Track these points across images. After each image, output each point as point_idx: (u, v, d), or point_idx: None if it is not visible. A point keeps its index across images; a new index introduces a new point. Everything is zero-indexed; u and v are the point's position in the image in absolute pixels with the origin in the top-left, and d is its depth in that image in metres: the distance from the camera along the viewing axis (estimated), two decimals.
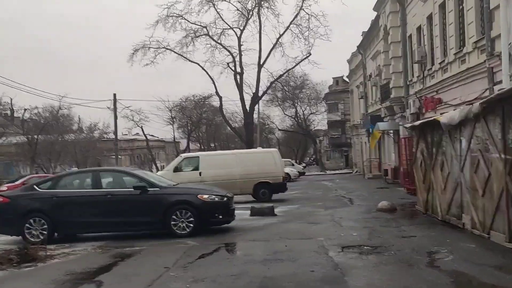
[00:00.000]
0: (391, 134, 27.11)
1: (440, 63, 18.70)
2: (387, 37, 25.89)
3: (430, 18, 19.96)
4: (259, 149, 23.26)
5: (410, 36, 23.16)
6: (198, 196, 11.47)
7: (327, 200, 19.10)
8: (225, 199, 11.77)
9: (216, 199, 11.64)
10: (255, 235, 11.04)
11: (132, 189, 11.38)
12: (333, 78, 63.96)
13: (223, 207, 11.69)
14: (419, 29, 21.74)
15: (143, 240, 11.03)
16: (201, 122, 60.57)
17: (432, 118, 11.62)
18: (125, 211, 11.36)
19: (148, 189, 11.41)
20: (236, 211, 14.27)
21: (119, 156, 59.20)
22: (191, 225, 11.27)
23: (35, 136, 39.56)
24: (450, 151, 11.00)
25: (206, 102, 56.51)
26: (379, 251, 8.67)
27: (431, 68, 20.06)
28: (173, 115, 57.39)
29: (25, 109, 54.31)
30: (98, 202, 11.36)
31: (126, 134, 71.15)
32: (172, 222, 11.26)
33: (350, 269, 7.38)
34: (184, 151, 55.76)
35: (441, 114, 17.49)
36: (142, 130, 58.94)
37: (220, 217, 11.56)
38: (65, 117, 57.56)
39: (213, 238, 10.94)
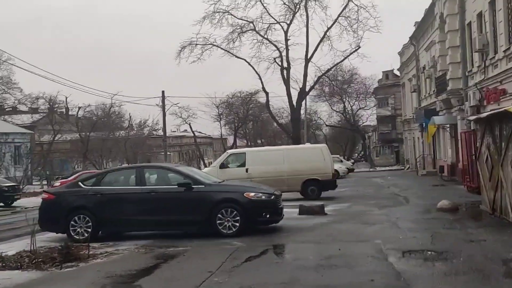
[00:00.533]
0: (448, 129, 25.55)
1: (504, 51, 17.20)
2: (443, 26, 24.35)
3: (492, 2, 18.43)
4: (307, 144, 22.36)
5: (469, 23, 21.60)
6: (245, 194, 10.80)
7: (380, 199, 18.02)
8: (272, 197, 11.05)
9: (263, 197, 10.93)
10: (305, 236, 10.26)
11: (176, 186, 10.86)
12: (383, 72, 61.99)
13: (271, 205, 10.97)
14: (479, 15, 20.19)
15: (187, 239, 10.48)
16: (247, 119, 60.18)
17: (503, 109, 10.44)
18: (169, 209, 10.86)
19: (193, 186, 10.84)
20: (284, 210, 13.62)
21: (168, 153, 59.84)
22: (237, 224, 10.62)
23: (87, 133, 40.17)
24: None
25: (253, 98, 56.06)
26: (446, 258, 7.71)
27: (494, 57, 18.54)
28: (220, 112, 57.37)
29: (79, 107, 55.84)
30: (142, 199, 10.90)
31: (175, 131, 71.94)
32: (218, 221, 10.66)
33: (415, 279, 6.48)
34: (231, 148, 55.64)
35: (505, 106, 16.11)
36: (190, 126, 59.39)
37: (268, 216, 10.85)
38: (116, 115, 58.80)
39: (260, 238, 10.25)
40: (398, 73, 59.29)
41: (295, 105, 40.54)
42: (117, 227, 11.09)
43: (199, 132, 73.27)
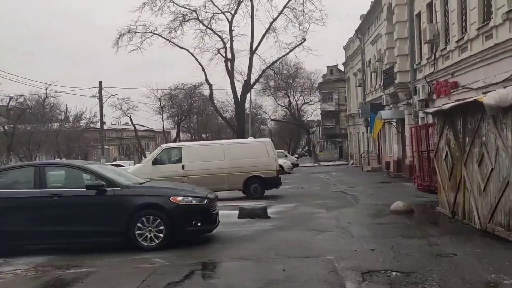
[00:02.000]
0: (394, 124, 24.47)
1: (457, 41, 16.02)
2: (391, 17, 23.17)
3: None
4: (251, 139, 20.42)
5: (419, 14, 20.45)
6: (171, 198, 8.76)
7: (328, 198, 16.44)
8: (205, 201, 9.06)
9: (194, 201, 8.93)
10: (243, 250, 8.35)
11: (85, 189, 8.65)
12: (327, 67, 61.18)
13: (203, 212, 8.99)
14: (429, 5, 19.04)
15: (99, 254, 8.34)
16: (191, 112, 57.67)
17: (472, 98, 8.96)
18: (77, 217, 8.68)
19: (106, 189, 8.68)
20: (222, 212, 11.65)
21: (107, 146, 56.40)
22: (161, 235, 8.60)
23: (11, 125, 36.45)
24: (494, 141, 8.35)
25: (197, 91, 53.72)
26: (415, 281, 6.04)
27: (445, 48, 17.38)
28: (162, 104, 54.55)
29: (10, 98, 51.21)
30: (41, 205, 8.63)
31: (115, 124, 68.38)
32: (137, 232, 8.58)
33: None
34: (174, 142, 53.01)
35: (456, 100, 14.90)
36: (131, 119, 56.15)
37: (199, 224, 8.85)
38: (51, 106, 54.60)
39: (188, 253, 8.27)
40: (342, 68, 58.78)
41: (239, 98, 38.82)
42: (10, 241, 8.70)
43: (141, 125, 70.05)
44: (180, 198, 8.82)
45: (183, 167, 16.98)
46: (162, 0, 36.36)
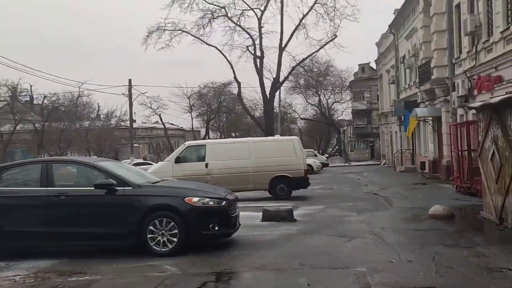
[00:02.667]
0: (430, 122, 23.11)
1: (502, 32, 14.69)
2: (428, 9, 21.85)
3: None
4: (277, 137, 19.46)
5: (458, 4, 19.09)
6: (186, 199, 7.97)
7: (358, 199, 15.39)
8: (224, 203, 8.22)
9: (211, 203, 8.10)
10: (264, 258, 7.47)
11: (93, 188, 7.95)
12: (359, 65, 59.59)
13: (221, 214, 8.15)
14: None
15: (107, 259, 7.63)
16: (220, 110, 57.07)
17: None
18: (84, 218, 7.98)
19: (116, 188, 7.95)
20: (245, 213, 10.97)
21: (137, 145, 56.50)
22: (175, 239, 7.81)
23: (43, 123, 36.60)
24: None
25: (226, 89, 53.05)
26: None
27: (487, 40, 16.05)
28: (191, 103, 54.15)
29: (44, 96, 51.83)
30: (47, 205, 7.98)
31: (146, 122, 68.48)
32: (149, 235, 7.82)
33: None
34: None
35: (499, 95, 13.60)
36: (160, 117, 56.17)
37: (216, 228, 8.01)
38: (85, 105, 55.05)
39: (203, 260, 7.47)
40: (374, 66, 57.09)
41: (268, 96, 37.89)
42: (14, 242, 8.07)
43: (171, 123, 69.99)
44: (195, 199, 8.01)
45: (206, 165, 16.23)
46: None
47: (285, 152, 16.47)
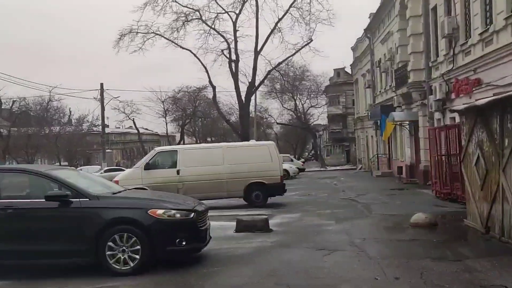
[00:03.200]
0: (407, 126, 22.75)
1: (480, 34, 14.35)
2: (404, 12, 21.52)
3: None
4: (252, 142, 18.73)
5: (435, 7, 18.78)
6: (149, 211, 7.15)
7: (337, 207, 14.77)
8: (192, 215, 7.42)
9: (178, 215, 7.30)
10: (236, 277, 6.71)
11: (44, 200, 7.07)
12: (334, 69, 59.51)
13: (189, 227, 7.35)
14: None
15: (59, 280, 6.77)
16: (195, 115, 56.07)
17: None
18: (35, 234, 7.08)
19: (71, 200, 7.09)
20: (217, 223, 10.28)
21: (109, 150, 55.03)
22: (137, 256, 6.98)
23: (9, 129, 35.05)
24: None
25: (201, 94, 52.05)
26: None
27: (465, 42, 15.72)
28: (166, 108, 53.05)
29: (13, 101, 49.98)
30: None
31: (119, 128, 66.94)
32: (108, 252, 6.98)
33: None
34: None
35: (476, 99, 13.22)
36: (134, 122, 54.85)
37: (184, 243, 7.21)
38: (56, 110, 53.35)
39: (168, 279, 6.71)
40: (350, 70, 57.03)
41: (244, 100, 37.26)
42: None
43: (145, 128, 68.64)
44: (160, 211, 7.20)
45: (178, 172, 15.40)
46: (164, 0, 35.01)
47: (260, 158, 15.77)
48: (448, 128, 13.93)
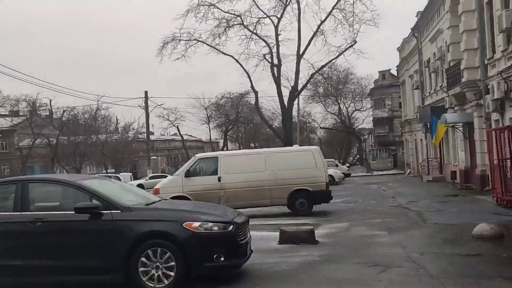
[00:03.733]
0: (460, 128, 21.31)
1: None
2: (455, 8, 20.17)
3: None
4: (296, 147, 17.90)
5: (490, 1, 17.41)
6: (185, 224, 6.54)
7: (387, 215, 13.76)
8: (231, 227, 6.76)
9: (216, 228, 6.66)
10: None
11: (74, 213, 6.60)
12: (379, 72, 57.81)
13: (228, 242, 6.69)
14: None
15: None
16: (238, 121, 55.82)
17: None
18: (64, 248, 6.62)
19: (102, 212, 6.59)
20: (260, 233, 9.72)
21: (154, 157, 55.53)
22: (172, 273, 6.39)
23: (58, 137, 35.78)
24: None
25: (244, 100, 51.75)
26: None
27: None
28: (209, 114, 53.07)
29: (64, 110, 51.43)
30: (21, 233, 6.66)
31: (164, 135, 67.70)
32: (141, 269, 6.43)
33: None
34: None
35: None
36: (178, 129, 55.26)
37: (222, 259, 6.56)
38: (103, 118, 54.53)
39: None
40: (395, 73, 55.21)
41: (286, 105, 36.51)
42: None
43: (189, 135, 69.14)
44: (197, 224, 6.59)
45: (219, 179, 14.84)
46: (206, 7, 34.87)
47: (304, 164, 15.00)
48: (510, 129, 12.67)
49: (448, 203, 15.89)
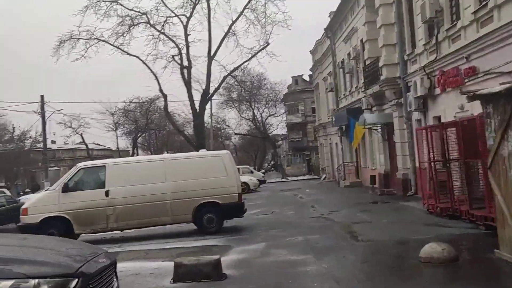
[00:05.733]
0: (379, 130, 19.88)
1: (474, 13, 11.55)
2: (372, 3, 18.71)
3: None
4: (203, 152, 14.85)
5: None
6: None
7: (310, 230, 11.45)
8: (73, 283, 3.90)
9: (45, 287, 3.77)
10: None
11: None
12: (292, 77, 56.89)
13: None
14: None
15: None
16: (149, 127, 51.95)
17: None
18: None
19: None
20: (150, 264, 7.12)
21: (56, 168, 50.05)
22: None
23: None
24: None
25: (154, 105, 48.09)
26: None
27: (453, 26, 12.94)
28: (116, 120, 48.75)
29: None
30: None
31: (68, 143, 61.80)
32: None
33: None
34: None
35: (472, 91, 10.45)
36: (82, 137, 50.36)
37: None
38: None
39: None
40: (308, 78, 54.52)
41: (198, 109, 33.80)
42: None
43: (97, 144, 63.74)
44: (7, 283, 3.67)
45: (107, 193, 11.77)
46: (108, 3, 31.28)
47: (212, 172, 12.36)
48: (445, 127, 10.94)
49: (373, 212, 14.00)
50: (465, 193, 10.11)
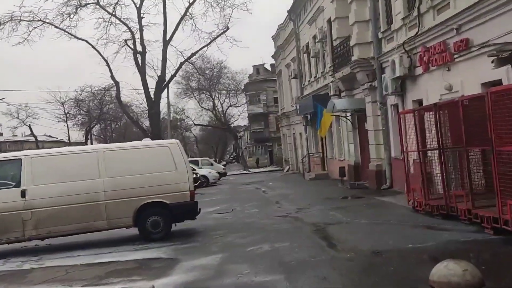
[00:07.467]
0: (348, 117, 17.94)
1: None
2: None
3: None
4: (146, 141, 12.12)
5: None
6: None
7: (276, 234, 9.30)
8: None
9: None
10: None
11: None
12: (253, 66, 54.64)
13: None
14: None
15: None
16: (104, 118, 48.57)
17: None
18: None
19: None
20: None
21: None
22: None
23: None
24: None
25: (109, 94, 44.72)
26: None
27: None
28: (67, 111, 45.16)
29: None
30: None
31: (16, 135, 57.52)
32: None
33: None
34: None
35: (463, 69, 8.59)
36: (30, 128, 46.48)
37: None
38: None
39: None
40: (270, 67, 52.46)
41: (153, 97, 31.09)
42: None
43: (49, 136, 59.59)
44: None
45: (23, 193, 9.23)
46: None
47: (158, 165, 10.03)
48: (439, 109, 8.97)
49: (348, 209, 11.97)
50: (465, 188, 8.20)
